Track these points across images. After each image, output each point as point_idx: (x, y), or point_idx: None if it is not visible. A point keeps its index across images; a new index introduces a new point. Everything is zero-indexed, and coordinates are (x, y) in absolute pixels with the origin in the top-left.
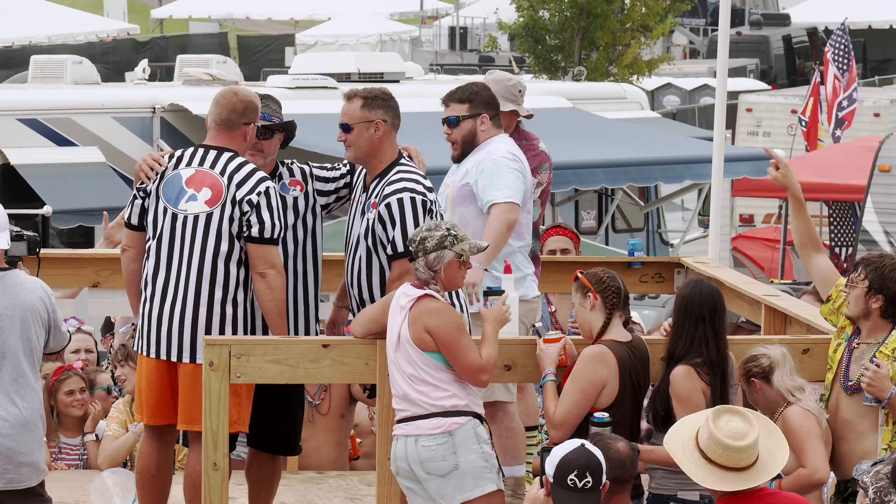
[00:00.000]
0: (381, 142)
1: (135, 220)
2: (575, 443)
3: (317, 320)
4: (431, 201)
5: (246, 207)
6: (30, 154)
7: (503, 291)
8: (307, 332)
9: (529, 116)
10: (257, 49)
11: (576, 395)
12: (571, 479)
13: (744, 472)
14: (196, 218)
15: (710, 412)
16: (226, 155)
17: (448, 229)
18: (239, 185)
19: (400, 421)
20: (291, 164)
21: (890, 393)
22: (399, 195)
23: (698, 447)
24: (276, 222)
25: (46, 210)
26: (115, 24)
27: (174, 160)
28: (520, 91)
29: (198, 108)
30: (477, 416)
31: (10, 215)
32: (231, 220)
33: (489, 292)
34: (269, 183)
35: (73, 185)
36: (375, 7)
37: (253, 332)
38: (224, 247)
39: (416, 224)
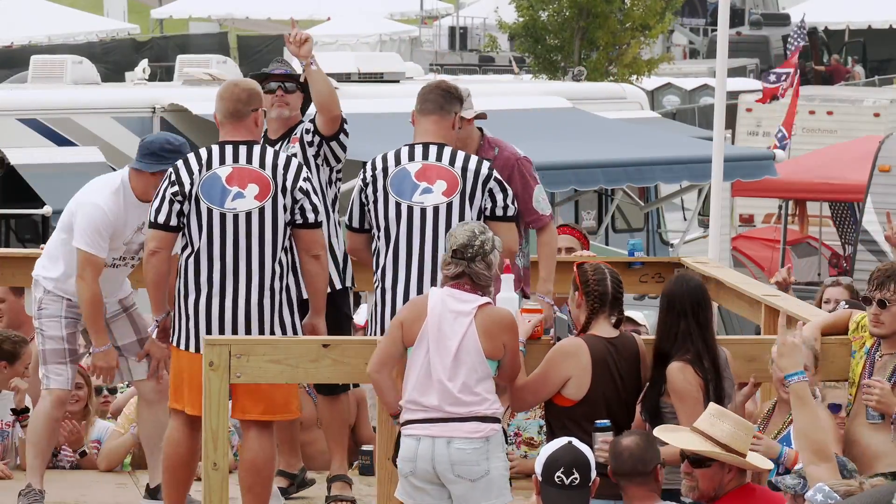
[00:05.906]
0: None
1: (174, 222)
2: (562, 440)
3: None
4: None
5: (299, 195)
6: (30, 154)
7: None
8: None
9: (482, 116)
10: (257, 49)
11: (539, 378)
12: (558, 477)
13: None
14: (249, 214)
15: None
16: (256, 148)
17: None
18: (285, 173)
19: (423, 421)
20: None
21: None
22: None
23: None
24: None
25: (46, 210)
26: (115, 23)
27: (205, 161)
28: (468, 95)
29: (198, 108)
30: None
31: (10, 215)
32: (285, 208)
33: None
34: (304, 167)
35: (73, 185)
36: (375, 7)
37: (291, 314)
38: (280, 237)
39: None
